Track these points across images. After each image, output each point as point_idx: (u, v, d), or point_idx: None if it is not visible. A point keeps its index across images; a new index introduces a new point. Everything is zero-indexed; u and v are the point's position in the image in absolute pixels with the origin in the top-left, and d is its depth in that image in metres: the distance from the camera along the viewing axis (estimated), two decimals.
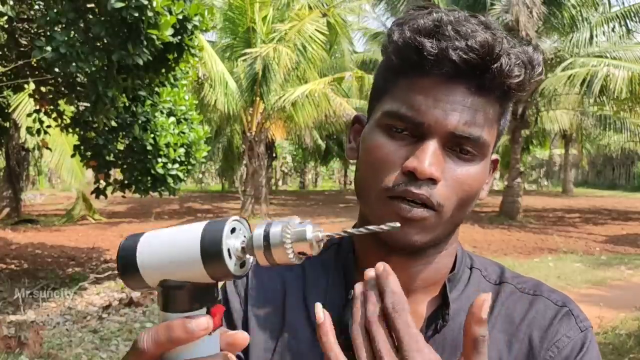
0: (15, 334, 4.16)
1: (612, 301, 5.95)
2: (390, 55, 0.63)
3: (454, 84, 0.60)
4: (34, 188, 22.84)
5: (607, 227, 12.92)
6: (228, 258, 0.45)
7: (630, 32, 13.98)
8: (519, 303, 0.68)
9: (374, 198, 0.63)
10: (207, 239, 0.45)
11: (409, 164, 0.60)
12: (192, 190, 25.62)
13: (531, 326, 0.66)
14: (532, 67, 0.62)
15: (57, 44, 3.69)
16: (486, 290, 0.69)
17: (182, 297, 0.47)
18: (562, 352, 0.64)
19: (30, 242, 9.50)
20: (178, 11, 4.08)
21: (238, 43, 13.02)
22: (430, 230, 0.62)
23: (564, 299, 0.69)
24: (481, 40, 0.58)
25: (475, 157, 0.63)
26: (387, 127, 0.63)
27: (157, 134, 5.49)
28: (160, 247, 0.47)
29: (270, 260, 0.46)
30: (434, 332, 0.66)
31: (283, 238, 0.45)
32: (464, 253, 0.73)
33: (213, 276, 0.46)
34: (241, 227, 0.48)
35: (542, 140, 21.93)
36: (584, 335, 0.65)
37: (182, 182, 5.89)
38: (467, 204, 0.65)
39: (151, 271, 0.48)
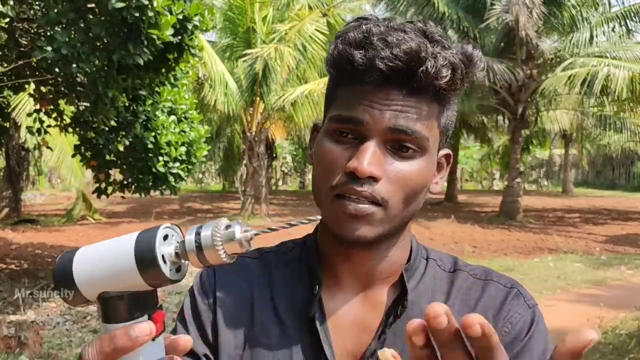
0: (15, 334, 4.16)
1: (612, 301, 5.95)
2: (330, 68, 0.69)
3: (387, 88, 0.65)
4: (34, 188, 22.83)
5: (607, 227, 12.92)
6: (163, 264, 0.47)
7: (630, 32, 13.98)
8: (472, 288, 0.74)
9: (323, 198, 0.68)
10: (140, 247, 0.47)
11: (350, 165, 0.64)
12: (192, 190, 25.62)
13: (485, 307, 0.71)
14: (469, 64, 0.67)
15: (58, 44, 3.69)
16: (441, 279, 0.75)
17: (122, 307, 0.48)
18: (515, 327, 0.70)
19: (30, 242, 9.50)
20: (178, 11, 4.08)
21: (238, 43, 13.02)
22: (378, 224, 0.66)
23: (512, 282, 0.75)
24: (406, 48, 0.63)
25: (415, 152, 0.67)
26: (333, 132, 0.68)
27: (158, 132, 5.49)
28: (96, 260, 0.49)
29: (204, 262, 0.48)
30: (395, 317, 0.70)
31: (214, 241, 0.47)
32: (419, 245, 0.78)
33: (150, 283, 0.48)
34: (173, 234, 0.50)
35: (542, 140, 21.91)
36: (532, 311, 0.72)
37: (183, 180, 5.89)
38: (414, 199, 0.69)
39: (89, 285, 0.49)
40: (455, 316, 0.65)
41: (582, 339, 0.44)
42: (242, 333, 0.73)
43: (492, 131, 18.86)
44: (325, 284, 0.74)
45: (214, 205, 18.09)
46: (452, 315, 0.61)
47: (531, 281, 7.05)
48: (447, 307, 0.41)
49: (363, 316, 0.72)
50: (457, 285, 0.74)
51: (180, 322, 0.76)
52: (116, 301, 0.48)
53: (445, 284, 0.75)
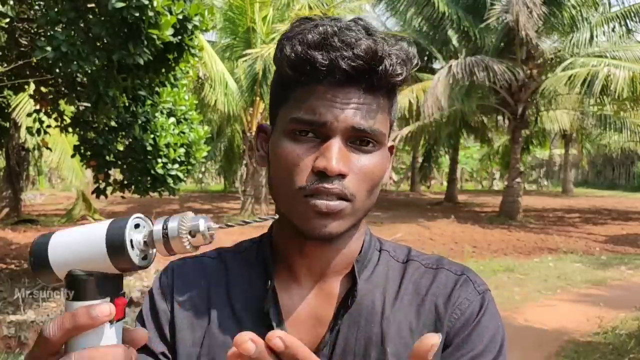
0: (15, 334, 4.16)
1: (612, 301, 5.95)
2: (285, 68, 0.69)
3: (347, 87, 0.67)
4: (34, 188, 22.83)
5: (607, 227, 12.92)
6: (131, 249, 0.51)
7: (630, 32, 13.98)
8: (424, 277, 0.75)
9: (291, 199, 0.69)
10: (112, 232, 0.51)
11: (318, 164, 0.66)
12: (192, 190, 25.61)
13: (435, 294, 0.73)
14: (410, 62, 0.70)
15: (58, 43, 3.69)
16: (394, 269, 0.77)
17: (87, 287, 0.52)
18: (465, 313, 0.71)
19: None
20: (178, 11, 4.08)
21: (238, 43, 13.02)
22: (346, 219, 0.69)
23: (462, 269, 0.76)
24: (365, 47, 0.65)
25: (374, 147, 0.70)
26: (292, 132, 0.69)
27: (157, 134, 5.49)
28: (71, 242, 0.52)
29: (169, 250, 0.52)
30: (346, 309, 0.71)
31: (179, 231, 0.51)
32: (372, 237, 0.80)
33: (117, 266, 0.51)
34: (145, 224, 0.54)
35: (542, 140, 21.88)
36: (482, 297, 0.73)
37: (181, 182, 5.89)
38: (375, 191, 0.72)
39: (61, 264, 0.52)
40: (406, 307, 0.73)
41: (424, 342, 0.46)
42: (199, 331, 0.74)
43: (492, 131, 18.84)
44: (281, 279, 0.76)
45: (214, 205, 18.09)
46: (399, 303, 0.70)
47: (531, 281, 7.05)
48: (252, 334, 0.46)
49: (317, 309, 0.74)
50: (408, 275, 0.76)
51: (139, 322, 0.78)
52: (82, 279, 0.52)
53: (397, 274, 0.76)
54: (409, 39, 1.60)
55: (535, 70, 13.58)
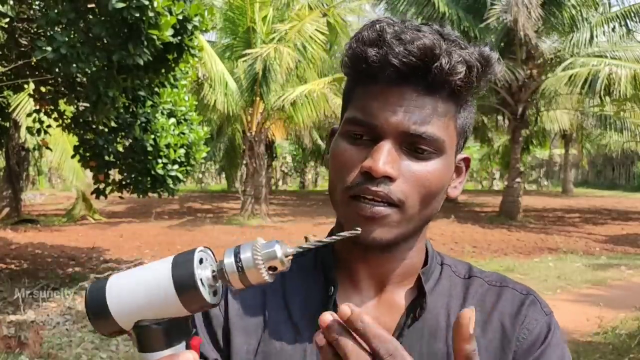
0: (15, 334, 4.16)
1: (612, 301, 5.94)
2: (346, 68, 0.69)
3: (402, 87, 0.65)
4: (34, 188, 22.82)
5: (607, 227, 12.92)
6: (202, 288, 0.47)
7: (631, 32, 13.97)
8: (488, 294, 0.74)
9: (339, 199, 0.68)
10: (179, 272, 0.47)
11: (365, 164, 0.64)
12: (192, 190, 25.61)
13: (502, 313, 0.71)
14: (483, 65, 0.66)
15: (58, 44, 3.69)
16: (457, 284, 0.75)
17: (159, 336, 0.48)
18: (533, 333, 0.70)
19: (30, 242, 9.50)
20: (178, 11, 4.08)
21: (238, 43, 13.02)
22: (394, 227, 0.66)
23: (527, 289, 0.75)
24: (419, 44, 0.62)
25: (431, 154, 0.66)
26: (348, 134, 0.68)
27: (158, 134, 5.49)
28: (131, 288, 0.48)
29: (246, 282, 0.48)
30: (413, 320, 0.70)
31: (255, 261, 0.47)
32: (434, 251, 0.78)
33: (189, 308, 0.47)
34: (207, 257, 0.50)
35: (542, 140, 21.87)
36: (549, 318, 0.72)
37: (181, 182, 5.89)
38: (430, 201, 0.68)
39: (125, 314, 0.48)
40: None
41: (464, 316, 0.50)
42: (254, 338, 0.72)
43: (492, 131, 18.84)
44: (341, 286, 0.73)
45: (214, 205, 18.09)
46: (472, 335, 0.63)
47: (531, 281, 7.05)
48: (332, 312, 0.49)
49: (379, 318, 0.71)
50: (472, 292, 0.74)
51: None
52: (153, 329, 0.48)
53: (460, 291, 0.74)
54: (492, 46, 1.48)
55: (535, 70, 13.58)
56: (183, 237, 10.50)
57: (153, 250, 8.93)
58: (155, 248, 9.12)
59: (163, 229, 11.83)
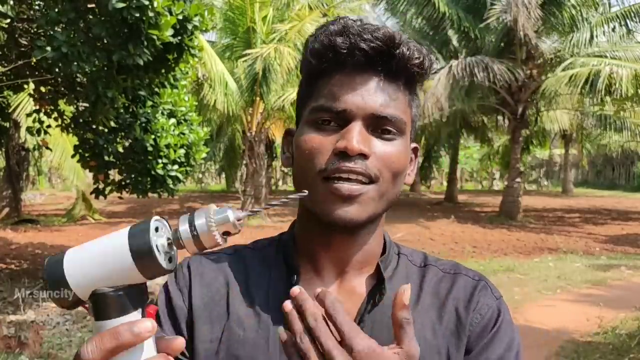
0: (15, 334, 4.16)
1: (612, 301, 5.94)
2: (310, 59, 0.72)
3: (367, 72, 0.70)
4: (34, 188, 22.82)
5: (607, 227, 12.92)
6: (158, 254, 0.48)
7: (631, 32, 13.97)
8: (442, 281, 0.77)
9: (311, 183, 0.69)
10: (135, 240, 0.48)
11: (339, 145, 0.67)
12: (192, 190, 25.61)
13: (456, 299, 0.75)
14: (427, 56, 0.72)
15: (58, 43, 3.69)
16: (413, 273, 0.79)
17: (115, 303, 0.49)
18: (485, 317, 0.74)
19: (30, 242, 9.50)
20: (178, 11, 4.08)
21: (238, 43, 13.01)
22: (369, 204, 0.69)
23: (479, 275, 0.79)
24: (383, 32, 0.68)
25: (395, 135, 0.71)
26: (315, 122, 0.71)
27: (158, 135, 5.49)
28: (89, 258, 0.49)
29: (200, 247, 0.50)
30: (373, 306, 0.73)
31: (209, 226, 0.50)
32: (391, 241, 0.81)
33: (146, 274, 0.49)
34: (162, 226, 0.51)
35: (542, 140, 21.88)
36: (499, 302, 0.76)
37: (180, 183, 5.89)
38: (399, 179, 0.72)
39: (83, 283, 0.49)
40: (428, 309, 0.76)
41: (399, 292, 0.56)
42: (218, 327, 0.73)
43: (492, 131, 18.85)
44: (303, 275, 0.75)
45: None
46: (421, 306, 0.76)
47: (531, 281, 7.05)
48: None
49: None
50: (427, 279, 0.77)
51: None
52: (109, 296, 0.49)
53: (416, 278, 0.78)
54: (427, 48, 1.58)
55: (535, 70, 13.58)
56: None
57: None
58: None
59: None
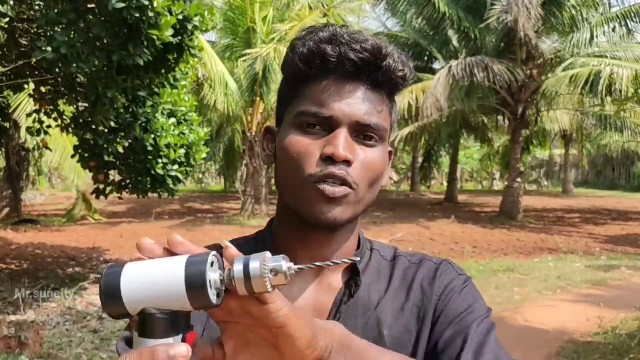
0: (15, 334, 4.15)
1: (612, 301, 5.94)
2: (297, 63, 0.74)
3: (354, 81, 0.73)
4: (34, 188, 22.82)
5: (607, 227, 12.92)
6: (209, 288, 0.50)
7: (631, 32, 13.97)
8: (410, 268, 0.82)
9: (300, 186, 0.72)
10: (191, 272, 0.50)
11: (326, 151, 0.70)
12: (192, 190, 25.61)
13: (421, 278, 0.80)
14: (408, 66, 0.76)
15: (58, 44, 3.69)
16: (384, 266, 0.83)
17: (161, 325, 0.51)
18: (448, 286, 0.78)
19: (30, 242, 9.50)
20: (178, 11, 4.08)
21: (238, 43, 13.02)
22: (350, 206, 0.73)
23: (443, 259, 0.84)
24: (372, 42, 0.71)
25: (377, 142, 0.74)
26: (300, 125, 0.73)
27: (158, 134, 5.48)
28: (145, 277, 0.52)
29: (249, 290, 0.52)
30: (349, 297, 0.77)
31: (262, 271, 0.51)
32: (364, 237, 0.85)
33: (194, 305, 0.51)
34: (217, 261, 0.53)
35: (542, 140, 21.87)
36: (464, 277, 0.80)
37: (180, 183, 5.89)
38: (376, 185, 0.76)
39: (135, 300, 0.51)
40: (397, 292, 0.81)
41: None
42: (199, 324, 0.75)
43: (492, 131, 18.84)
44: None
45: (214, 205, 18.09)
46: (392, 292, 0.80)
47: (531, 281, 7.05)
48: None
49: (318, 299, 0.78)
50: (397, 269, 0.82)
51: None
52: (156, 318, 0.51)
53: (387, 271, 0.82)
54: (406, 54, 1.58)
55: (535, 70, 13.58)
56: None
57: None
58: None
59: (163, 229, 11.83)
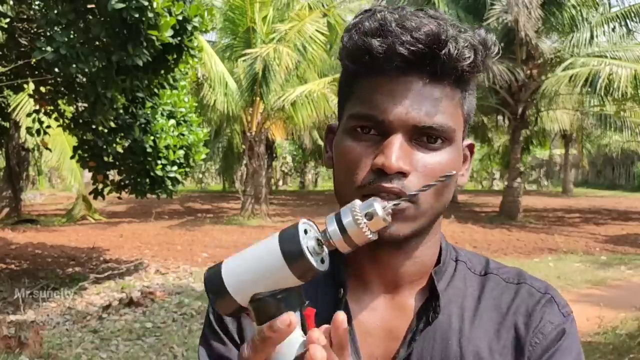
0: (15, 334, 4.16)
1: (612, 301, 5.94)
2: (345, 60, 0.66)
3: (409, 76, 0.63)
4: (34, 188, 22.82)
5: (607, 227, 12.91)
6: (309, 255, 0.50)
7: (631, 32, 13.97)
8: (505, 293, 0.70)
9: (349, 196, 0.63)
10: (286, 243, 0.51)
11: (377, 161, 0.62)
12: (192, 190, 25.61)
13: (516, 314, 0.68)
14: (485, 47, 0.64)
15: (57, 44, 3.69)
16: (472, 283, 0.72)
17: (273, 307, 0.52)
18: (547, 338, 0.66)
19: (30, 242, 9.50)
20: (178, 12, 4.08)
21: (238, 43, 13.01)
22: (410, 221, 0.64)
23: (546, 287, 0.71)
24: (426, 30, 0.61)
25: (442, 144, 0.65)
26: (353, 130, 0.65)
27: (157, 136, 5.48)
28: (244, 265, 0.52)
29: (351, 244, 0.51)
30: (426, 324, 0.67)
31: (356, 221, 0.50)
32: (448, 246, 0.75)
33: (300, 277, 0.51)
34: (311, 228, 0.53)
35: (542, 140, 21.88)
36: (566, 319, 0.68)
37: (179, 184, 5.89)
38: (444, 192, 0.67)
39: (241, 289, 0.52)
40: (486, 323, 0.70)
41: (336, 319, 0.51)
42: None
43: (492, 131, 18.84)
44: (351, 288, 0.71)
45: (214, 205, 18.08)
46: (479, 320, 0.69)
47: None
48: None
49: (390, 321, 0.70)
50: (488, 290, 0.71)
51: (208, 330, 0.75)
52: (268, 300, 0.51)
53: (476, 289, 0.71)
54: (487, 28, 1.43)
55: (535, 70, 13.58)
56: (183, 237, 10.50)
57: (153, 250, 8.91)
58: (155, 248, 9.10)
59: (163, 229, 11.83)
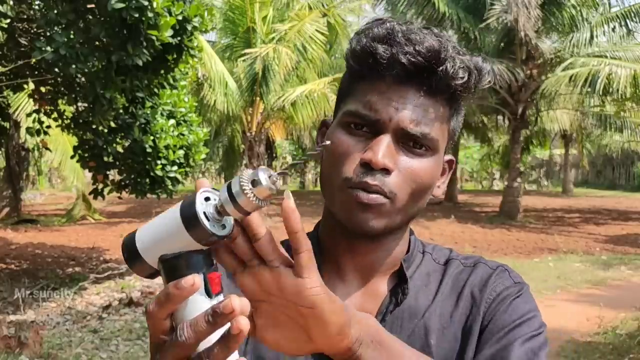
0: (15, 334, 4.16)
1: (612, 301, 5.94)
2: (350, 61, 0.71)
3: (406, 86, 0.68)
4: (34, 188, 22.81)
5: (607, 227, 12.92)
6: (205, 220, 0.52)
7: (631, 32, 13.97)
8: (463, 272, 0.77)
9: (336, 189, 0.70)
10: (184, 207, 0.53)
11: (365, 156, 0.67)
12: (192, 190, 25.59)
13: (472, 285, 0.75)
14: (479, 73, 0.70)
15: (57, 44, 3.69)
16: (436, 270, 0.78)
17: (179, 267, 0.54)
18: (500, 294, 0.72)
19: (30, 242, 9.50)
20: (178, 12, 4.08)
21: (238, 43, 13.02)
22: (385, 215, 0.69)
23: (500, 264, 0.79)
24: (428, 45, 0.66)
25: (426, 152, 0.70)
26: (347, 125, 0.70)
27: (157, 136, 5.48)
28: (153, 229, 0.55)
29: (242, 211, 0.52)
30: (395, 305, 0.73)
31: (242, 188, 0.51)
32: (416, 240, 0.81)
33: (198, 239, 0.53)
34: (214, 196, 0.55)
35: (542, 140, 21.88)
36: (520, 285, 0.74)
37: (180, 184, 5.88)
38: (420, 196, 0.72)
39: (149, 251, 0.55)
40: (446, 299, 0.76)
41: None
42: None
43: (492, 131, 18.84)
44: (327, 277, 0.73)
45: None
46: (440, 296, 0.75)
47: (531, 281, 7.00)
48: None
49: (363, 306, 0.74)
50: (449, 273, 0.77)
51: None
52: (173, 262, 0.54)
53: (439, 274, 0.77)
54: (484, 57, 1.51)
55: (535, 70, 13.58)
56: None
57: None
58: None
59: None
